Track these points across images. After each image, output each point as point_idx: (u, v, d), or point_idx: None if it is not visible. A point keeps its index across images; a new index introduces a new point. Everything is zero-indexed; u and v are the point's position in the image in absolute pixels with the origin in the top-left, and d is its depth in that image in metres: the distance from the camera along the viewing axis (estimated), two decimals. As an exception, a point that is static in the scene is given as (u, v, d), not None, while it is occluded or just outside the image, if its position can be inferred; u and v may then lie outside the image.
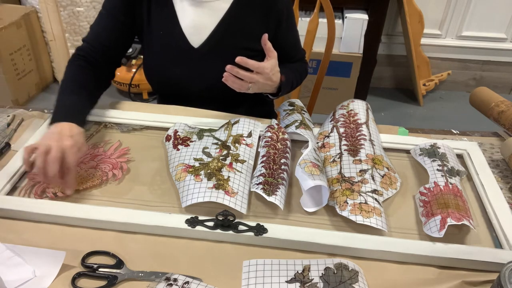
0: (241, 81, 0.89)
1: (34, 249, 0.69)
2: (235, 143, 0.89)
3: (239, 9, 1.00)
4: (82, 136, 0.83)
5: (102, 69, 1.01)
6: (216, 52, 1.02)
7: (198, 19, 1.00)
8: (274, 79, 0.94)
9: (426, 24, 2.34)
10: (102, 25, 1.01)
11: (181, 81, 1.05)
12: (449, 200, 0.77)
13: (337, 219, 0.78)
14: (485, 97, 1.09)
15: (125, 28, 1.01)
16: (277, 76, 0.96)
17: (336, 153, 0.89)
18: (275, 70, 0.94)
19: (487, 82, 2.59)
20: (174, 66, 1.04)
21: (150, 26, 1.02)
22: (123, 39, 1.04)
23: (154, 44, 1.04)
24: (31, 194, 0.80)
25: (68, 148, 0.77)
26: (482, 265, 0.69)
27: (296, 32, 1.11)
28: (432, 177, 0.84)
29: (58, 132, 0.79)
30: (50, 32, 2.22)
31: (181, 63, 1.04)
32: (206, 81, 1.03)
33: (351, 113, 0.98)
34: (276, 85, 0.98)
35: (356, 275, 0.66)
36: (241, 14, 1.01)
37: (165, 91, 1.14)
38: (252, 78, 0.89)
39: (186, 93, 1.08)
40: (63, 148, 0.77)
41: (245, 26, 1.02)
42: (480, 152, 0.94)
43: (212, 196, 0.75)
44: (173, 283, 0.65)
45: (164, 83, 1.08)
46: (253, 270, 0.67)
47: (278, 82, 0.97)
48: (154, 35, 1.03)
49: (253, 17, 1.02)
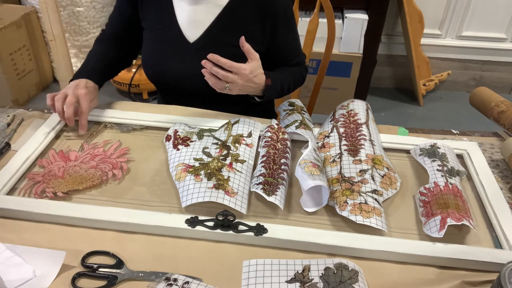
0: (216, 79, 0.89)
1: (34, 249, 0.69)
2: (235, 143, 0.89)
3: (236, 7, 1.01)
4: (96, 90, 1.00)
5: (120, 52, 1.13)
6: (211, 48, 1.01)
7: (195, 14, 1.02)
8: (256, 81, 0.93)
9: (426, 24, 2.34)
10: (114, 16, 1.12)
11: (177, 74, 1.06)
12: (449, 200, 0.77)
13: (337, 219, 0.78)
14: (485, 97, 1.09)
15: (131, 20, 1.08)
16: (260, 79, 0.95)
17: (336, 153, 0.89)
18: (257, 72, 0.93)
19: (487, 82, 2.59)
20: (170, 60, 1.06)
21: (149, 20, 1.06)
22: (132, 30, 1.10)
23: (152, 38, 1.07)
24: (31, 194, 0.80)
25: (82, 95, 0.93)
26: (482, 265, 0.69)
27: (295, 34, 1.10)
28: (432, 177, 0.84)
29: (75, 84, 0.96)
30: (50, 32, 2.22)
31: (177, 57, 1.05)
32: (201, 76, 1.04)
33: (351, 113, 0.98)
34: (260, 88, 0.97)
35: (356, 275, 0.66)
36: (237, 12, 1.01)
37: (162, 84, 1.15)
38: (227, 77, 0.88)
39: (182, 87, 1.08)
40: (77, 95, 0.93)
41: (241, 24, 1.02)
42: (480, 152, 0.94)
43: (212, 196, 0.75)
44: (173, 283, 0.65)
45: (160, 76, 1.10)
46: (253, 270, 0.67)
47: (263, 85, 0.96)
48: (152, 29, 1.06)
49: (250, 17, 1.02)
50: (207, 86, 1.01)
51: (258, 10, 1.01)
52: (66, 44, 2.29)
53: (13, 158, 0.86)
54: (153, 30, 1.06)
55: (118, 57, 1.14)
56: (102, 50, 1.11)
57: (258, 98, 1.02)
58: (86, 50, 2.45)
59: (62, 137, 0.96)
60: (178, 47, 1.05)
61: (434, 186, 0.82)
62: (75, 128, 0.97)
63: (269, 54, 1.07)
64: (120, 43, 1.13)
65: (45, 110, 1.05)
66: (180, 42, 1.04)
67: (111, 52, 1.11)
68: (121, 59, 1.15)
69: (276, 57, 1.02)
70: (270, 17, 1.02)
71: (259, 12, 1.01)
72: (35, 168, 0.87)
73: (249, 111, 1.06)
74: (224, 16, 1.01)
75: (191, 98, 1.07)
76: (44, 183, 0.82)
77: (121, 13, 1.09)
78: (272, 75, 0.99)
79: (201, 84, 1.05)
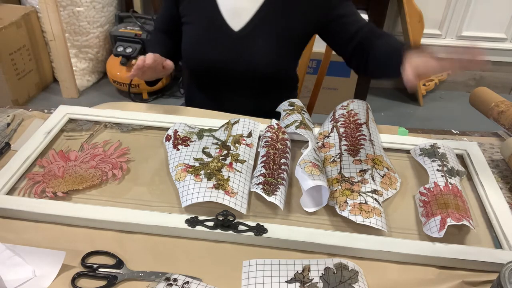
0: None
1: (34, 249, 0.69)
2: (235, 143, 0.89)
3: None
4: None
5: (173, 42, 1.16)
6: (254, 34, 1.03)
7: (238, 3, 1.02)
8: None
9: (426, 24, 2.34)
10: (160, 12, 1.17)
11: (218, 63, 1.06)
12: (449, 200, 0.77)
13: (337, 219, 0.78)
14: (485, 97, 1.09)
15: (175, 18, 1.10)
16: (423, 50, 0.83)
17: (336, 153, 0.89)
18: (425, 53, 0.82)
19: (487, 82, 2.59)
20: (212, 49, 1.06)
21: (191, 12, 1.06)
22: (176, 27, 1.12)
23: (194, 28, 1.07)
24: (31, 194, 0.80)
25: (157, 55, 0.97)
26: (482, 265, 0.69)
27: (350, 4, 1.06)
28: (432, 177, 0.84)
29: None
30: (50, 32, 2.22)
31: (220, 46, 1.05)
32: (242, 64, 1.05)
33: (351, 113, 0.98)
34: None
35: (356, 275, 0.66)
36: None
37: (201, 73, 1.14)
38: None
39: (222, 75, 1.09)
40: (153, 55, 0.96)
41: (286, 6, 1.02)
42: (480, 152, 0.94)
43: (212, 196, 0.75)
44: (173, 283, 0.65)
45: (200, 65, 1.10)
46: (253, 270, 0.67)
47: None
48: (194, 20, 1.06)
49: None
50: (246, 73, 1.04)
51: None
52: (66, 44, 2.29)
53: (13, 158, 0.86)
54: (196, 21, 1.06)
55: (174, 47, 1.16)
56: (160, 39, 1.17)
57: None
58: (86, 50, 2.45)
59: (62, 137, 0.96)
60: (221, 36, 1.04)
61: (434, 186, 0.82)
62: (75, 128, 0.97)
63: (330, 28, 1.05)
64: (170, 36, 1.16)
65: (45, 110, 1.05)
66: (224, 31, 1.04)
67: (168, 42, 1.16)
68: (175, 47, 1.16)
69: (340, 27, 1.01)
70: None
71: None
72: (35, 168, 0.87)
73: (277, 98, 1.06)
74: (270, 2, 1.01)
75: (227, 86, 1.09)
76: (44, 183, 0.82)
77: (166, 9, 1.12)
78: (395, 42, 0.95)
79: (241, 70, 1.07)
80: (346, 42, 1.05)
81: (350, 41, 1.04)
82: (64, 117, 0.99)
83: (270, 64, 1.06)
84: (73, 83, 2.40)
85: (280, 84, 1.11)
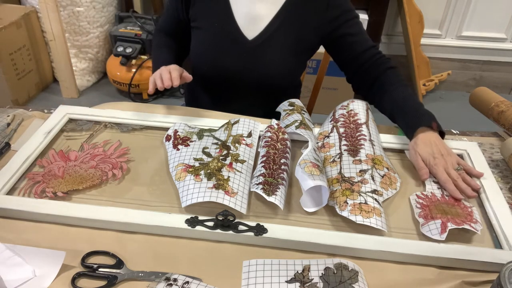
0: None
1: (34, 249, 0.69)
2: (235, 143, 0.89)
3: (297, 2, 1.01)
4: None
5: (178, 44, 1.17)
6: (268, 44, 1.02)
7: (254, 10, 1.01)
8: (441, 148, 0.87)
9: (426, 24, 2.34)
10: (166, 14, 1.16)
11: (230, 71, 1.06)
12: (447, 209, 0.77)
13: (337, 219, 0.78)
14: (485, 97, 1.09)
15: (182, 21, 1.10)
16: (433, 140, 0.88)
17: (336, 153, 0.89)
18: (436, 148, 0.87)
19: (487, 82, 2.59)
20: (225, 57, 1.05)
21: (203, 17, 1.05)
22: (183, 29, 1.12)
23: (207, 35, 1.05)
24: (31, 194, 0.80)
25: (172, 67, 0.99)
26: (482, 265, 0.69)
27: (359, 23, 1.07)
28: (428, 188, 0.84)
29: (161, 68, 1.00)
30: (50, 32, 2.22)
31: (233, 54, 1.04)
32: (254, 73, 1.05)
33: (351, 113, 0.98)
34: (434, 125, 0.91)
35: (356, 275, 0.66)
36: (299, 7, 1.01)
37: (210, 79, 1.12)
38: None
39: (232, 83, 1.08)
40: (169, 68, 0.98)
41: (301, 16, 1.02)
42: (480, 152, 0.94)
43: (212, 196, 0.75)
44: (173, 283, 0.65)
45: (211, 71, 1.08)
46: (253, 270, 0.67)
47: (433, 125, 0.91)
48: (207, 26, 1.05)
49: (312, 7, 1.01)
50: (259, 81, 1.04)
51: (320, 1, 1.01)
52: (66, 44, 2.29)
53: (13, 158, 0.86)
54: (208, 26, 1.05)
55: (179, 50, 1.17)
56: (166, 42, 1.16)
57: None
58: (86, 50, 2.45)
59: (62, 137, 0.96)
60: (235, 45, 1.04)
61: (432, 195, 0.82)
62: (75, 128, 0.97)
63: (337, 44, 1.06)
64: (175, 39, 1.17)
65: (45, 110, 1.05)
66: (238, 39, 1.03)
67: (174, 45, 1.16)
68: (180, 50, 1.18)
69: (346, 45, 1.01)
70: (334, 8, 1.01)
71: (321, 3, 1.01)
72: (35, 168, 0.87)
73: None
74: (286, 9, 1.01)
75: (237, 94, 1.09)
76: (44, 183, 0.82)
77: (172, 10, 1.11)
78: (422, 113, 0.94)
79: (253, 79, 1.06)
80: (350, 61, 1.06)
81: (354, 61, 1.05)
82: (64, 117, 0.99)
83: (283, 75, 1.06)
84: (73, 83, 2.40)
85: (286, 91, 1.11)
